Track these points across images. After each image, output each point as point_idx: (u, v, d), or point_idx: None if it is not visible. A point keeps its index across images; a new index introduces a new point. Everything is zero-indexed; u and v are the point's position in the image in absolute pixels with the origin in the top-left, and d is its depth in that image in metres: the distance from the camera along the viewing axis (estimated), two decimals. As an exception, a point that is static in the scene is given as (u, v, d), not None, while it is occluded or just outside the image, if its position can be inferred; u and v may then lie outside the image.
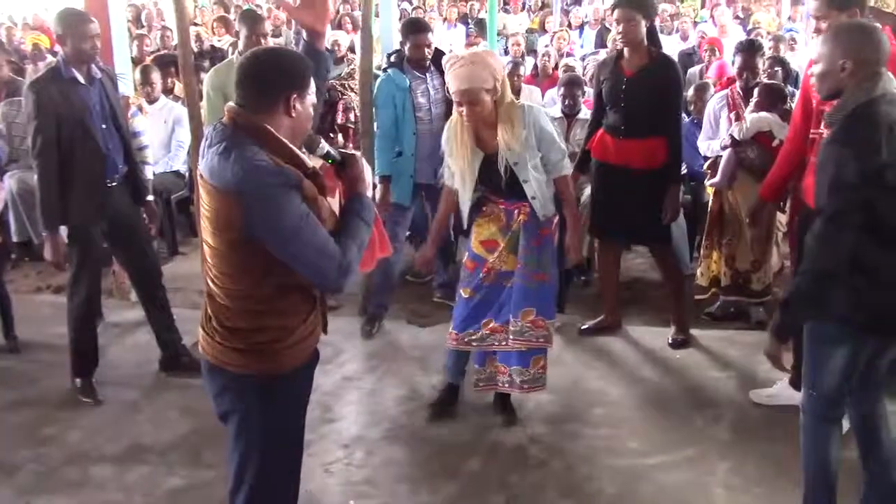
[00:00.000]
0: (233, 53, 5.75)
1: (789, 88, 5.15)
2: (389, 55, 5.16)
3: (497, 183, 3.75)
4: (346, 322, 5.26)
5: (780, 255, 5.40)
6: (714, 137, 5.23)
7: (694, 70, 8.17)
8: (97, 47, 4.08)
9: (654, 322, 5.14)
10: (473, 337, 3.91)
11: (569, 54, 9.25)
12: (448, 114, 5.06)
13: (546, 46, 9.38)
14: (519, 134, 3.63)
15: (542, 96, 7.29)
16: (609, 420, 4.07)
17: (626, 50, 4.57)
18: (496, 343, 3.88)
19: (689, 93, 5.94)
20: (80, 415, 4.21)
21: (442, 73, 5.10)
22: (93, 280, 4.38)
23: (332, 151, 2.43)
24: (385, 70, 5.02)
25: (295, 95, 2.25)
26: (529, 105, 3.79)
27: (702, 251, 5.27)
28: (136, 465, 3.77)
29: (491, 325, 3.88)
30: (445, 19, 13.03)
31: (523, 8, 16.44)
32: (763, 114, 4.91)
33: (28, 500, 3.53)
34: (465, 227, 4.00)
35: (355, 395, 4.41)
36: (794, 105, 4.42)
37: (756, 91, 4.94)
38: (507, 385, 3.95)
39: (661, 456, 3.75)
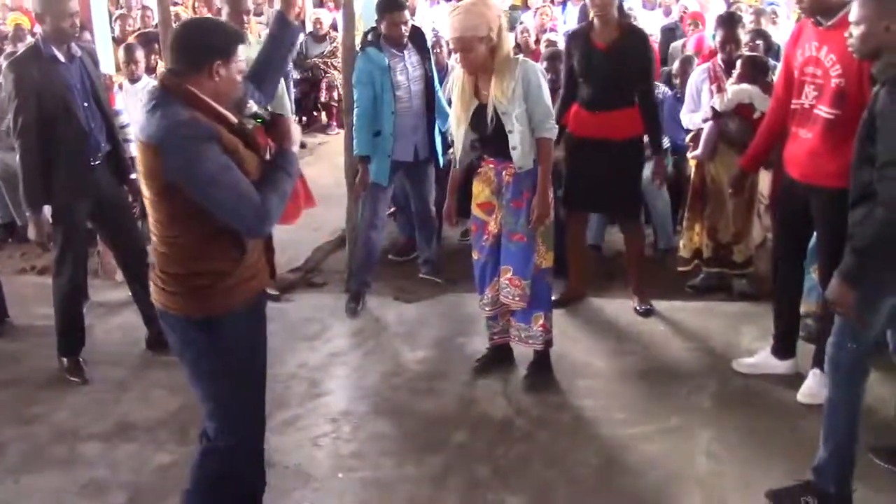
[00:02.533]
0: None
1: (771, 62, 5.15)
2: (366, 34, 5.13)
3: (483, 131, 3.86)
4: (332, 299, 5.29)
5: (763, 227, 5.45)
6: (696, 110, 5.25)
7: (677, 44, 8.16)
8: (76, 25, 4.06)
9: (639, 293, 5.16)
10: (487, 302, 4.15)
11: (552, 30, 9.23)
12: (427, 91, 5.10)
13: (521, 23, 9.33)
14: (508, 85, 3.73)
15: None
16: (594, 392, 4.11)
17: (596, 22, 4.64)
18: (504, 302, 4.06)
19: (674, 66, 5.95)
20: (67, 394, 4.22)
21: (420, 50, 5.13)
22: (78, 259, 4.37)
23: (260, 111, 2.70)
24: (362, 49, 4.99)
25: (219, 62, 2.48)
26: (525, 59, 3.89)
27: (684, 224, 5.31)
28: (124, 443, 3.79)
29: (496, 286, 4.06)
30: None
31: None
32: (744, 85, 4.93)
33: (16, 479, 3.55)
34: (456, 168, 4.20)
35: (342, 370, 4.44)
36: (775, 77, 4.45)
37: (738, 63, 4.95)
38: (517, 339, 4.13)
39: (645, 426, 3.80)
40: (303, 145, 4.93)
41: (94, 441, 3.81)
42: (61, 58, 4.04)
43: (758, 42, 6.08)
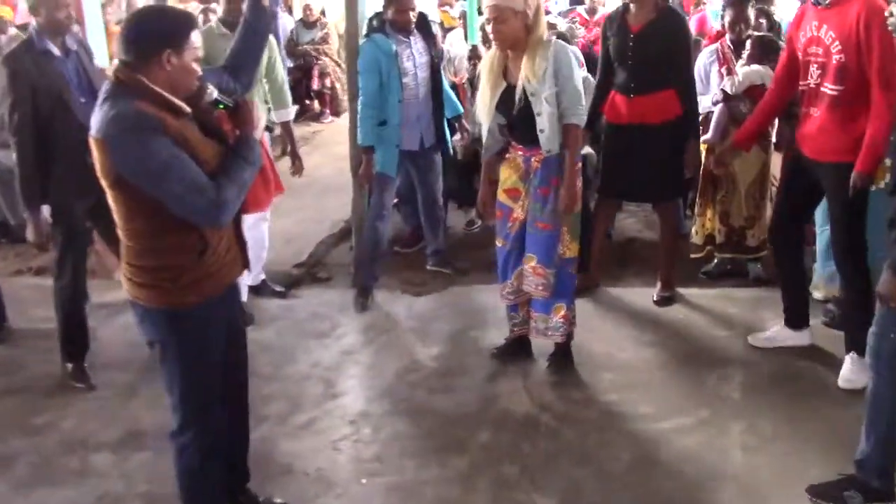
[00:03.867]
0: (205, 22, 5.55)
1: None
2: (371, 19, 4.96)
3: (510, 113, 3.77)
4: (339, 294, 5.17)
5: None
6: (705, 93, 5.10)
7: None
8: (72, 17, 3.90)
9: (652, 282, 5.04)
10: (511, 290, 4.07)
11: (546, 12, 9.07)
12: (433, 77, 4.96)
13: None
14: (539, 67, 3.65)
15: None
16: (618, 385, 4.01)
17: (632, 5, 4.50)
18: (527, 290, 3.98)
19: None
20: (73, 401, 4.07)
21: (426, 36, 4.98)
22: (79, 259, 4.22)
23: (221, 98, 2.64)
24: (368, 35, 4.84)
25: (170, 52, 2.44)
26: (559, 41, 3.79)
27: (696, 209, 5.20)
28: (136, 452, 3.65)
29: (521, 273, 3.98)
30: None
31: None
32: (755, 66, 4.82)
33: (27, 494, 3.40)
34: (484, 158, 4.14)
35: (356, 369, 4.32)
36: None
37: (748, 44, 4.84)
38: (536, 332, 4.05)
39: (675, 419, 3.70)
40: (269, 128, 4.76)
41: (105, 450, 3.67)
42: (56, 52, 3.87)
43: (760, 21, 5.99)
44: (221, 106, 2.66)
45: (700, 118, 5.16)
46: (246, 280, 4.76)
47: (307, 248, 5.88)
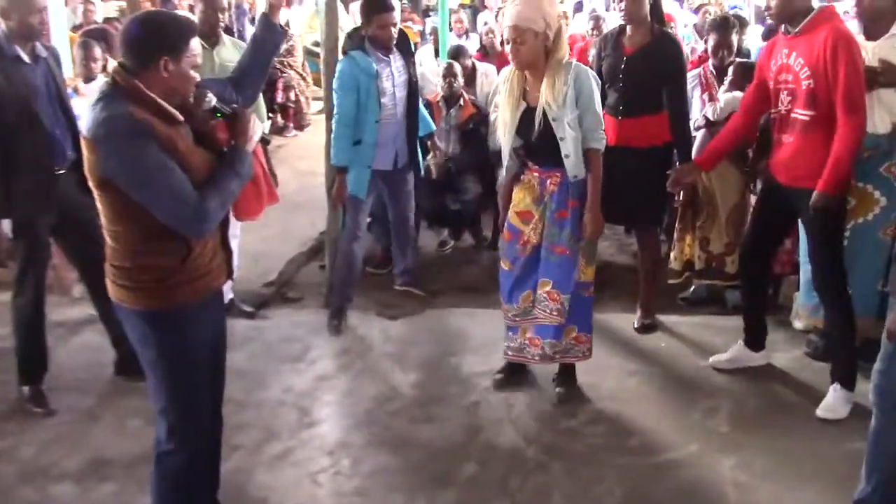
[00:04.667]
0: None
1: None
2: (350, 36, 4.81)
3: (531, 134, 3.69)
4: (311, 315, 5.02)
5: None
6: (687, 117, 5.07)
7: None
8: (45, 22, 3.68)
9: (630, 307, 4.97)
10: (516, 313, 3.92)
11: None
12: (411, 96, 4.84)
13: (486, 23, 9.08)
14: (560, 90, 3.58)
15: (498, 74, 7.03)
16: (604, 416, 3.90)
17: (628, 27, 4.45)
18: (537, 316, 3.86)
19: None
20: (32, 426, 3.85)
21: (405, 54, 4.85)
22: (40, 277, 3.99)
23: (220, 106, 2.64)
24: (346, 52, 4.68)
25: (167, 58, 2.44)
26: (578, 63, 3.71)
27: (675, 234, 5.14)
28: (101, 483, 3.44)
29: (530, 298, 3.87)
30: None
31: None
32: (737, 93, 4.77)
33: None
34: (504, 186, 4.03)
35: (332, 395, 4.15)
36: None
37: (731, 70, 4.81)
38: (536, 358, 3.94)
39: (665, 454, 3.60)
40: (266, 142, 4.59)
41: (67, 481, 3.45)
42: (26, 58, 3.66)
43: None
44: (219, 115, 2.64)
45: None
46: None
47: (276, 267, 5.69)
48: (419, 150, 5.09)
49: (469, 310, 5.04)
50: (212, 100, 2.63)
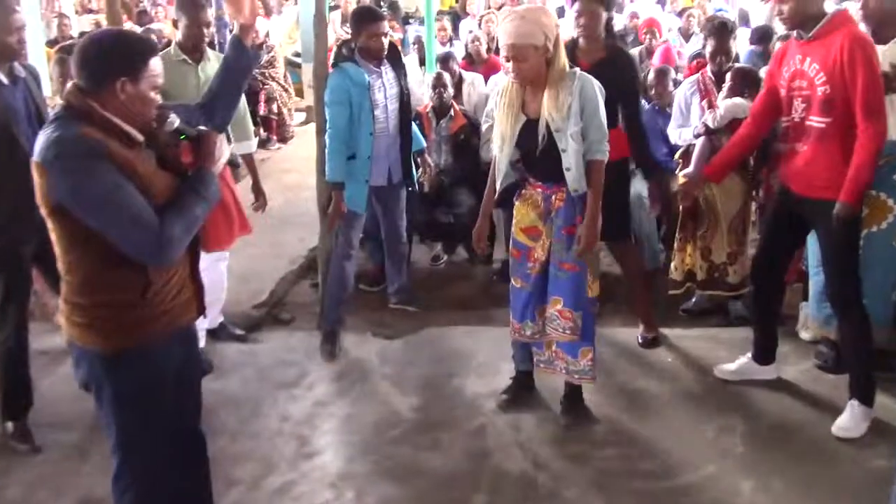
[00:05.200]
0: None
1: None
2: (340, 47, 4.66)
3: (533, 148, 3.55)
4: (304, 337, 4.84)
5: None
6: (685, 125, 4.96)
7: (634, 51, 7.93)
8: (24, 41, 3.50)
9: (631, 320, 4.86)
10: (534, 330, 3.80)
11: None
12: (403, 108, 4.70)
13: (471, 31, 8.95)
14: (564, 101, 3.46)
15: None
16: (614, 438, 3.76)
17: (581, 41, 4.35)
18: (549, 334, 3.77)
19: (649, 77, 5.66)
20: (17, 465, 3.66)
21: (395, 65, 4.71)
22: (22, 309, 3.81)
23: (183, 127, 2.48)
24: (336, 64, 4.53)
25: (125, 79, 2.30)
26: (582, 73, 3.57)
27: (675, 244, 5.01)
28: (91, 525, 3.28)
29: (544, 314, 3.76)
30: (359, 2, 12.49)
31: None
32: (737, 100, 4.67)
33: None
34: (498, 201, 3.91)
35: (331, 423, 3.98)
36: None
37: (729, 76, 4.70)
38: (563, 371, 3.82)
39: (681, 477, 3.46)
40: (234, 164, 4.45)
41: (57, 525, 3.28)
42: (4, 79, 3.48)
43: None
44: (183, 136, 2.49)
45: (681, 151, 5.02)
46: (202, 324, 4.42)
47: (266, 287, 5.51)
48: (412, 165, 4.94)
49: (468, 328, 4.90)
50: (174, 121, 2.47)
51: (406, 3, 13.82)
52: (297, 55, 10.53)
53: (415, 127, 5.08)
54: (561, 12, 11.94)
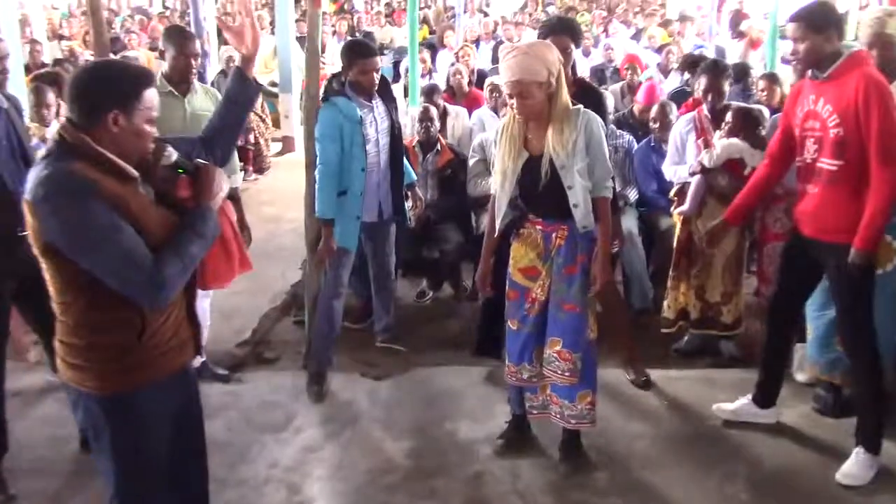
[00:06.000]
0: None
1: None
2: (330, 81, 4.56)
3: (535, 185, 3.47)
4: (290, 377, 4.69)
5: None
6: (681, 162, 4.92)
7: (615, 87, 7.95)
8: (7, 70, 3.36)
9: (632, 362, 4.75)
10: (532, 373, 3.70)
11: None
12: (394, 143, 4.61)
13: (453, 64, 8.91)
14: (568, 137, 3.40)
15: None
16: (615, 486, 3.65)
17: None
18: (547, 376, 3.66)
19: (652, 112, 5.61)
20: (-10, 516, 3.48)
21: (386, 99, 4.62)
22: (1, 349, 3.64)
23: (182, 161, 2.40)
24: (327, 98, 4.42)
25: (117, 112, 2.22)
26: (586, 110, 3.50)
27: (669, 282, 4.95)
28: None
29: (542, 356, 3.66)
30: (335, 33, 12.45)
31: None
32: (734, 140, 4.64)
33: None
34: (496, 234, 3.73)
35: (322, 469, 3.82)
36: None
37: (730, 115, 4.66)
38: (558, 416, 3.70)
39: (688, 528, 3.37)
40: (233, 197, 4.34)
41: (33, 582, 3.10)
42: (-15, 110, 3.34)
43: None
44: (181, 170, 2.41)
45: (676, 188, 4.97)
46: None
47: (248, 324, 5.35)
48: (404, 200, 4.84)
49: (458, 368, 4.77)
50: (171, 154, 2.38)
51: (378, 34, 13.84)
52: (274, 84, 10.42)
53: (405, 160, 4.99)
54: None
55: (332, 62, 11.62)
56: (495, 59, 11.68)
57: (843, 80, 3.47)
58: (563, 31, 4.10)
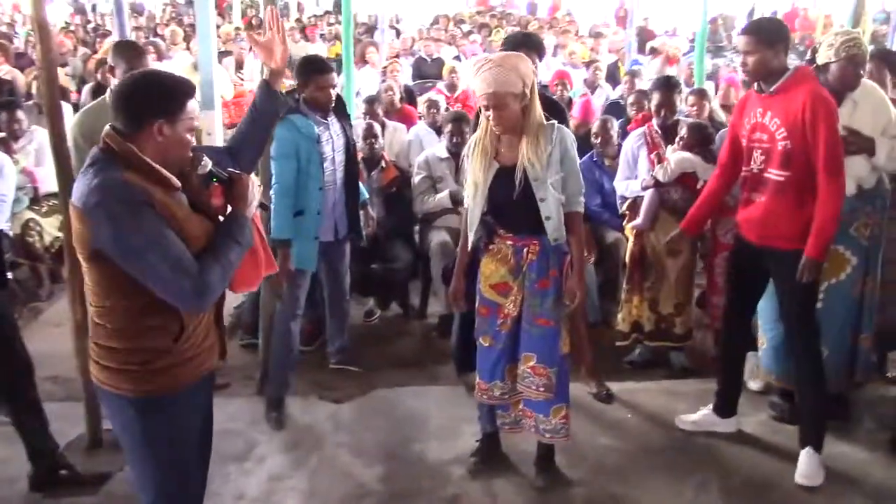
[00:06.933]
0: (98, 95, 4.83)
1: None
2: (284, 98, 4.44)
3: (507, 197, 3.44)
4: (245, 403, 4.54)
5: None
6: (632, 177, 4.99)
7: (547, 103, 8.00)
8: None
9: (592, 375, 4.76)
10: (504, 391, 3.65)
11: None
12: (349, 161, 4.52)
13: (384, 80, 8.85)
14: (544, 150, 3.40)
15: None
16: (594, 499, 3.66)
17: None
18: (521, 392, 3.64)
19: (594, 128, 5.66)
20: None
21: (341, 116, 4.53)
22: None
23: (216, 170, 2.46)
24: (283, 116, 4.29)
25: (162, 121, 2.30)
26: (560, 125, 3.50)
27: (623, 295, 5.01)
28: None
29: (514, 372, 3.63)
30: (251, 49, 12.21)
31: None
32: (687, 154, 4.74)
33: None
34: (470, 249, 3.70)
35: (293, 499, 3.69)
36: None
37: (684, 130, 4.76)
38: (533, 430, 3.67)
39: (668, 541, 3.38)
40: (264, 206, 4.23)
41: None
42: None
43: (644, 102, 6.07)
44: (215, 179, 2.47)
45: (628, 203, 5.03)
46: None
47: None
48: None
49: (416, 388, 4.71)
50: (207, 164, 2.44)
51: (294, 50, 13.64)
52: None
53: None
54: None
55: (251, 78, 11.44)
56: (416, 76, 11.74)
57: (789, 94, 3.58)
58: (526, 45, 4.10)
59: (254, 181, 2.53)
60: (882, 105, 3.92)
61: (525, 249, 3.54)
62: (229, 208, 2.49)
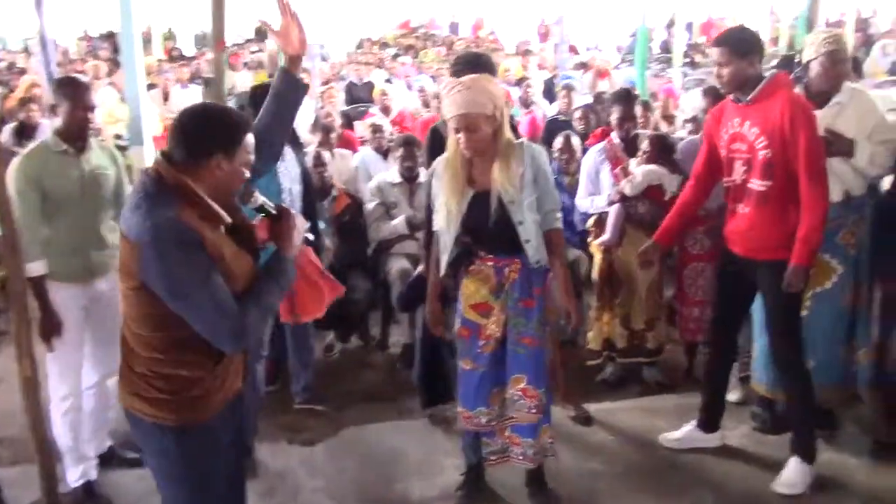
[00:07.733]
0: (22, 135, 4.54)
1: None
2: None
3: (483, 223, 3.35)
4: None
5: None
6: (596, 193, 4.90)
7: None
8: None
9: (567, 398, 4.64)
10: (490, 417, 3.51)
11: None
12: (305, 191, 4.37)
13: (322, 106, 8.66)
14: (516, 171, 3.32)
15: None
16: (589, 529, 3.52)
17: None
18: (513, 416, 3.50)
19: (557, 144, 5.56)
20: None
21: (294, 147, 4.36)
22: None
23: (266, 204, 2.45)
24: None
25: (221, 156, 2.28)
26: (529, 143, 3.43)
27: (593, 313, 4.92)
28: None
29: (501, 396, 3.50)
30: (178, 80, 11.90)
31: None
32: (652, 167, 4.69)
33: None
34: (443, 274, 3.55)
35: (276, 554, 3.48)
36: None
37: (647, 143, 4.71)
38: (521, 458, 3.52)
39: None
40: (308, 241, 4.01)
41: None
42: None
43: (591, 117, 6.06)
44: (264, 213, 2.46)
45: (593, 219, 4.96)
46: (90, 451, 3.85)
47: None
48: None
49: (390, 423, 4.52)
50: (258, 197, 2.43)
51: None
52: (119, 137, 9.77)
53: None
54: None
55: (174, 110, 11.14)
56: (349, 100, 11.59)
57: (766, 102, 3.53)
58: (480, 66, 3.99)
59: (302, 220, 2.48)
60: (870, 109, 3.87)
61: (506, 269, 3.44)
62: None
